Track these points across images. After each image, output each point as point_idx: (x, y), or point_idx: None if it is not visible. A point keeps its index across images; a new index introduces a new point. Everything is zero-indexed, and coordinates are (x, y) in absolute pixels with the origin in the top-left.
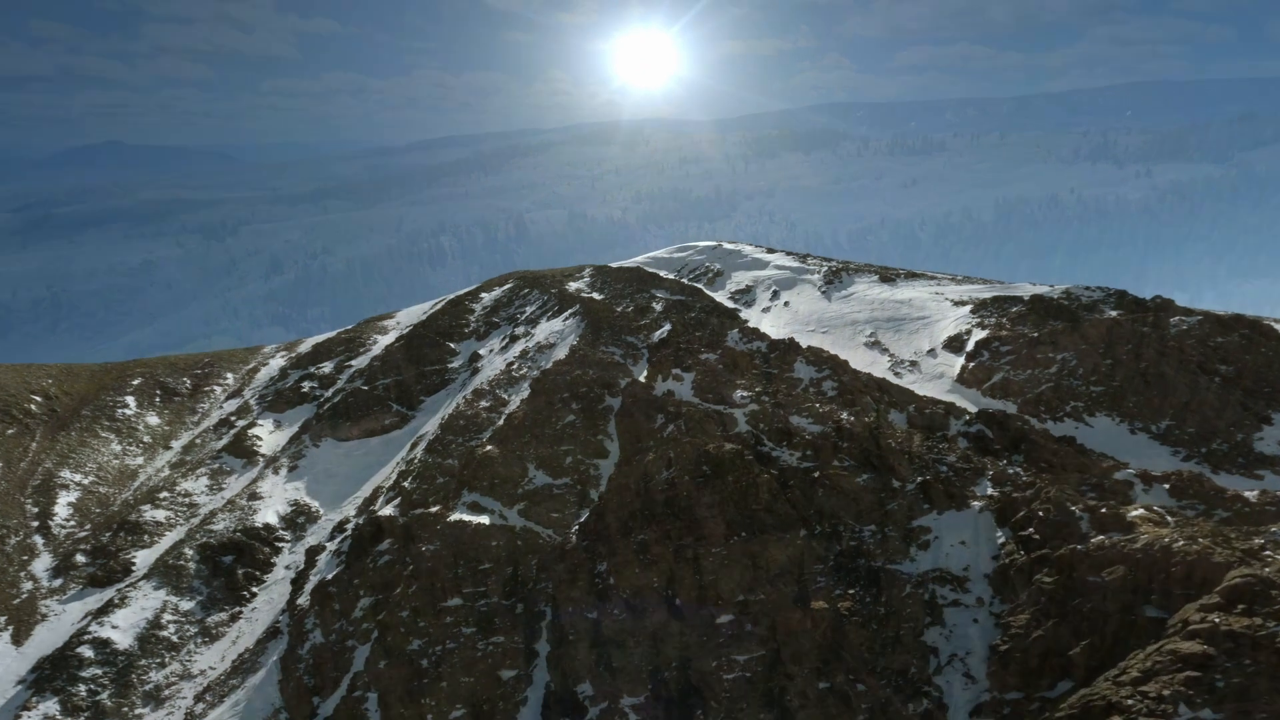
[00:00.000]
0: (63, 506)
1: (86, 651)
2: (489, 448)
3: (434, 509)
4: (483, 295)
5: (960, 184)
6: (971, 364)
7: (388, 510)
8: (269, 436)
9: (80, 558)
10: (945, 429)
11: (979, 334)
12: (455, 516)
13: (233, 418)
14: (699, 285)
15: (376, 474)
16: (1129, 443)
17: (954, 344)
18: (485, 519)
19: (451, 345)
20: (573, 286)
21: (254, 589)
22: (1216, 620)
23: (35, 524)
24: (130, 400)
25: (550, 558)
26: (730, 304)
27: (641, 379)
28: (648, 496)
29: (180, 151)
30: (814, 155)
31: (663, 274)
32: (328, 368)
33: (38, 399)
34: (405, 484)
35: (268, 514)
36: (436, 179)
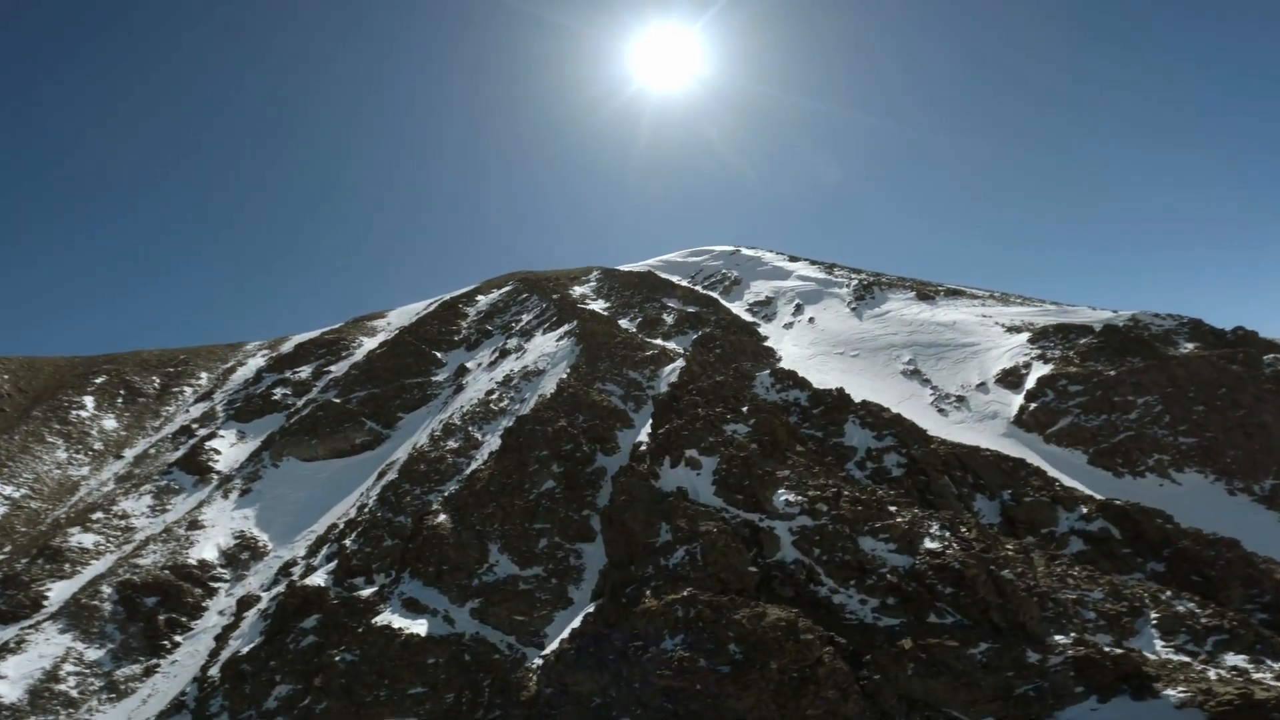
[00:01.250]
0: None
1: None
2: (440, 518)
3: (365, 594)
4: (479, 298)
5: None
6: (1033, 405)
7: (319, 578)
8: (229, 450)
9: None
10: (1052, 524)
11: (1041, 368)
12: (384, 618)
13: (195, 425)
14: (714, 294)
15: (338, 504)
16: (1227, 506)
17: (1009, 378)
18: (423, 625)
19: (438, 355)
20: (577, 291)
21: (178, 638)
22: None
23: None
24: (89, 401)
25: (508, 687)
26: (748, 317)
27: (642, 459)
28: (640, 669)
29: None
30: None
31: (675, 280)
32: (305, 372)
33: None
34: (347, 541)
35: (206, 547)
36: None
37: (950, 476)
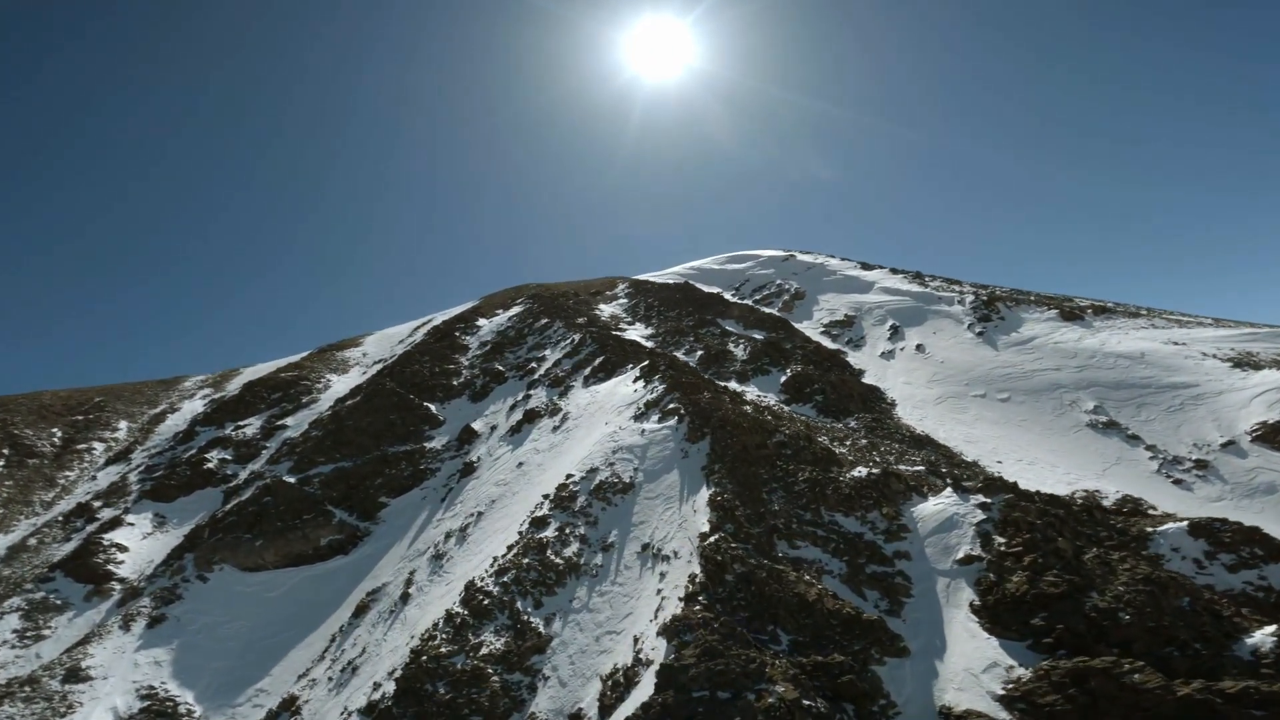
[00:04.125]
0: None
1: None
2: None
3: None
4: (481, 321)
5: None
6: None
7: None
8: (140, 545)
9: None
10: None
11: None
12: None
13: (97, 503)
14: (773, 310)
15: (299, 645)
16: None
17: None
18: None
19: (433, 408)
20: (605, 311)
21: None
22: None
23: None
24: None
25: None
26: (829, 343)
27: None
28: None
29: None
30: None
31: (718, 292)
32: (252, 427)
33: None
34: None
35: (95, 711)
36: None
37: None
